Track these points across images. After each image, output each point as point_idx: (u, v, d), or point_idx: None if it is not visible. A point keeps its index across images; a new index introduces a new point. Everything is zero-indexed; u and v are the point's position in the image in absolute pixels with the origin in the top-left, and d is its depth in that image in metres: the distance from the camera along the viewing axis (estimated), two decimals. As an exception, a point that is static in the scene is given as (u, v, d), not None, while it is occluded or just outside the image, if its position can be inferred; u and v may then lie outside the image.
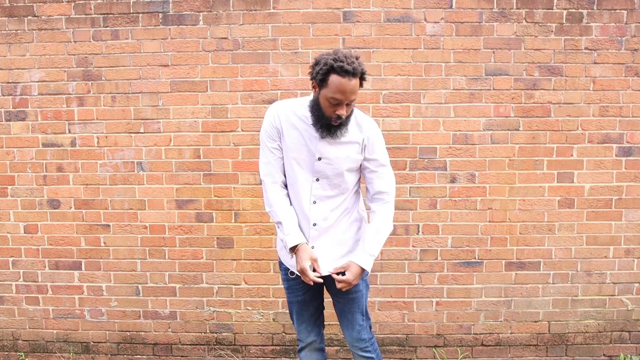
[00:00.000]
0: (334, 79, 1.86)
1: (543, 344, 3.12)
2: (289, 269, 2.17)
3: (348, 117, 1.98)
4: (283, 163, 2.10)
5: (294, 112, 2.05)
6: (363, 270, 2.05)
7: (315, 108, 1.96)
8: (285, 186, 2.12)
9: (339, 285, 2.04)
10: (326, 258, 2.08)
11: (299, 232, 2.04)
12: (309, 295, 2.22)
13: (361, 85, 1.93)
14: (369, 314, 2.28)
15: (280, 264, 2.25)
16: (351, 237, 2.14)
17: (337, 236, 2.11)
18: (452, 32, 2.91)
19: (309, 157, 2.03)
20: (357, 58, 1.89)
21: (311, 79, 1.95)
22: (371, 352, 2.26)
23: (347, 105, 1.92)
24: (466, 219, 3.02)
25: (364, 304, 2.21)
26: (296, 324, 2.29)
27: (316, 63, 1.91)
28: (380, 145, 2.10)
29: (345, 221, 2.13)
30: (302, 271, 1.99)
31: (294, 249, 2.03)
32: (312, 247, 2.08)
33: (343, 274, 2.05)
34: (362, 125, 2.07)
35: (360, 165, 2.12)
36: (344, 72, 1.83)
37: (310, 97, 2.05)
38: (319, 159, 2.03)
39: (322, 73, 1.87)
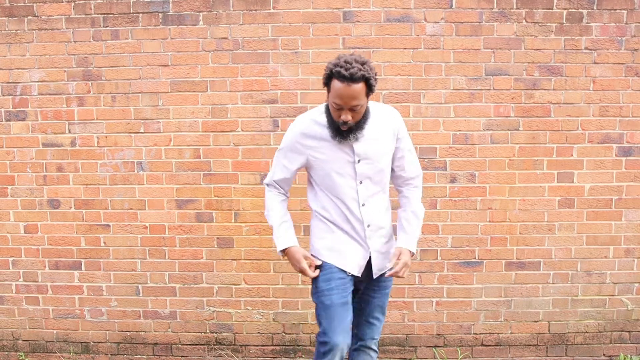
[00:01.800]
0: (334, 83, 1.89)
1: (543, 344, 3.12)
2: (336, 269, 2.11)
3: (361, 122, 1.99)
4: (290, 178, 2.19)
5: (317, 122, 2.07)
6: (412, 252, 2.14)
7: (327, 112, 2.02)
8: (285, 195, 2.23)
9: (400, 271, 2.05)
10: (376, 253, 2.13)
11: (289, 235, 2.13)
12: (350, 296, 2.17)
13: (371, 91, 1.93)
14: None
15: (324, 265, 2.13)
16: (388, 227, 2.20)
17: (382, 229, 2.16)
18: (452, 32, 2.91)
19: (347, 162, 2.05)
20: (362, 63, 1.87)
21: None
22: (375, 351, 2.30)
23: (352, 111, 1.92)
24: (466, 219, 3.02)
25: (387, 300, 2.28)
26: (337, 325, 2.08)
27: (326, 67, 1.95)
28: (406, 131, 2.17)
29: (386, 212, 2.18)
30: (303, 271, 2.09)
31: (284, 252, 2.13)
32: (368, 247, 2.12)
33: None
34: (388, 116, 2.11)
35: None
36: (341, 78, 1.85)
37: None
38: (359, 161, 2.05)
39: (325, 77, 1.93)
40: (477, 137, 2.98)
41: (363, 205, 2.09)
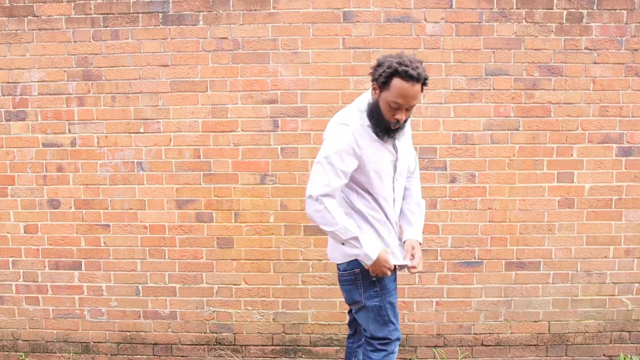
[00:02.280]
0: (396, 82, 1.85)
1: (543, 344, 3.12)
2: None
3: (406, 121, 2.00)
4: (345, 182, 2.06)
5: (364, 122, 2.01)
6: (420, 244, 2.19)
7: (375, 111, 1.95)
8: None
9: (418, 265, 2.11)
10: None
11: (376, 240, 2.08)
12: None
13: (422, 90, 1.92)
14: None
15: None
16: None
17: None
18: (452, 32, 2.91)
19: (391, 161, 2.08)
20: (420, 63, 1.88)
21: (373, 80, 1.94)
22: None
23: (407, 110, 1.92)
24: (466, 219, 3.02)
25: None
26: (398, 316, 2.24)
27: (379, 64, 1.90)
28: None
29: None
30: (386, 271, 2.04)
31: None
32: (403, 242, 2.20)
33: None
34: None
35: None
36: (408, 77, 1.82)
37: (363, 99, 2.04)
38: (398, 159, 2.10)
39: (385, 76, 1.86)
40: (477, 137, 2.98)
41: (395, 201, 2.15)
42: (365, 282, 2.10)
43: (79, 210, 3.08)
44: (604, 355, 3.13)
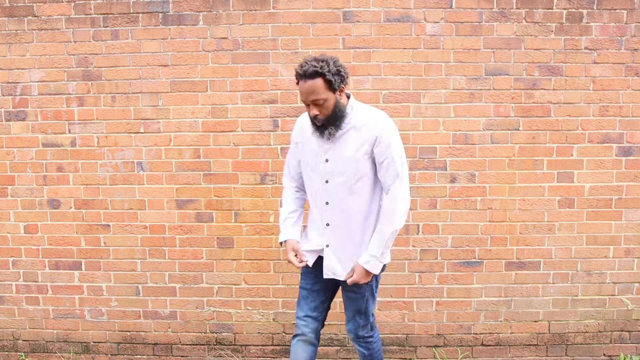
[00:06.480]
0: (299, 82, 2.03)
1: (543, 344, 3.12)
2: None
3: (332, 118, 2.01)
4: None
5: (303, 122, 2.24)
6: (367, 269, 2.10)
7: None
8: (301, 189, 2.32)
9: (347, 279, 2.16)
10: (341, 256, 2.17)
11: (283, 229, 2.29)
12: (318, 287, 2.29)
13: (331, 88, 1.97)
14: (370, 317, 2.29)
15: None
16: (368, 239, 2.15)
17: (352, 236, 2.15)
18: (452, 32, 2.91)
19: (317, 161, 2.14)
20: (320, 61, 1.94)
21: None
22: (364, 348, 2.35)
23: (316, 106, 1.98)
24: (466, 218, 3.02)
25: (363, 306, 2.24)
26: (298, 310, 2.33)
27: None
28: (388, 139, 2.06)
29: (361, 222, 2.14)
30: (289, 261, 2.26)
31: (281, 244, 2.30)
32: (327, 246, 2.18)
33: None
34: (369, 122, 2.07)
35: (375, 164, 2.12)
36: (297, 75, 1.98)
37: None
38: (327, 160, 2.10)
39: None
40: (477, 137, 2.98)
41: (327, 203, 2.14)
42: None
43: (79, 210, 3.08)
44: (604, 355, 3.13)
